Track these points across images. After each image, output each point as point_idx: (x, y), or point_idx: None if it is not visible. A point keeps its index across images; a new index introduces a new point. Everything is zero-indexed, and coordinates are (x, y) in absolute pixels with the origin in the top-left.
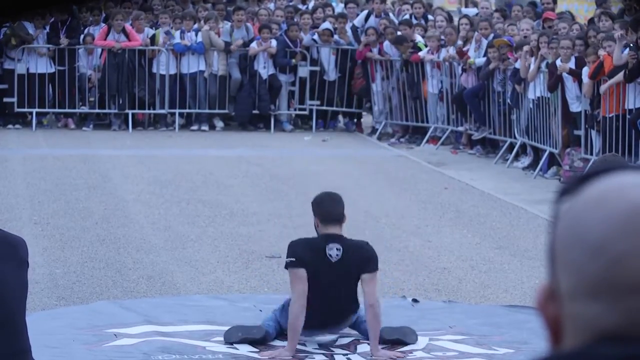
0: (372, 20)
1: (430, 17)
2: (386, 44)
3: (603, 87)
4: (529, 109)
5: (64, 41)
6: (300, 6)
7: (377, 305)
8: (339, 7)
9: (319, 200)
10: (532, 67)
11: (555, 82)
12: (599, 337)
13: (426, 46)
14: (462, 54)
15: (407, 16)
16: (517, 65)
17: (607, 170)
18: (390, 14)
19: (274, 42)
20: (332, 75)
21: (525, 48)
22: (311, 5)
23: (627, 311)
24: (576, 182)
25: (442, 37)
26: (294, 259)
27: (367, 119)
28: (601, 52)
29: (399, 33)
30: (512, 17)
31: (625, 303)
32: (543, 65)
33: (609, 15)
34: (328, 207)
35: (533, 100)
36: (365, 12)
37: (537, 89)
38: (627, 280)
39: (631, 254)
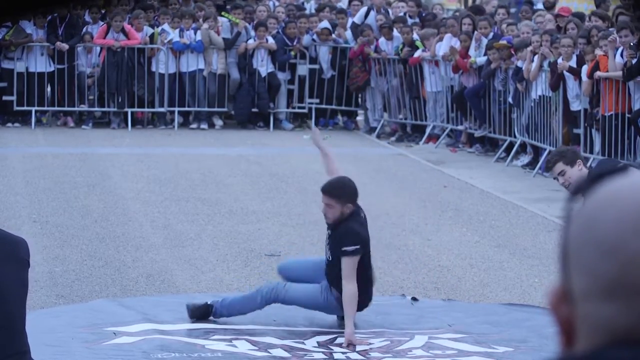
0: (372, 16)
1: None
2: (382, 40)
3: (598, 74)
4: (530, 108)
5: (63, 47)
6: (303, 4)
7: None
8: (343, 3)
9: (351, 184)
10: (534, 66)
11: (557, 80)
12: (612, 339)
13: (424, 45)
14: (463, 53)
15: (401, 14)
16: (519, 64)
17: (618, 171)
18: (390, 11)
19: (271, 40)
20: (328, 73)
21: (528, 49)
22: (312, 5)
23: None
24: (588, 182)
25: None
26: (359, 247)
27: (360, 118)
28: (598, 52)
29: (394, 30)
30: (516, 17)
31: (639, 304)
32: (545, 64)
33: (599, 15)
34: (355, 187)
35: (534, 99)
36: (365, 8)
37: (538, 88)
38: None
39: None
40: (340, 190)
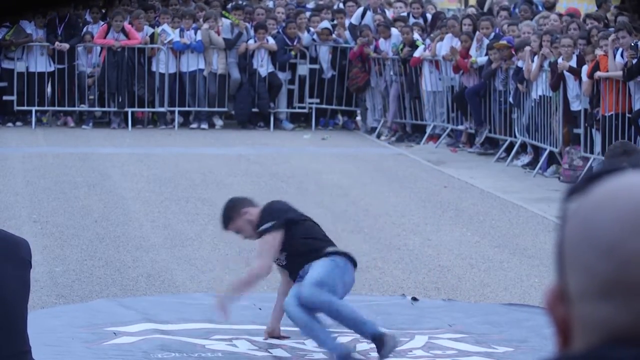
0: (369, 16)
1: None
2: (381, 40)
3: (599, 74)
4: (531, 108)
5: (63, 47)
6: (304, 6)
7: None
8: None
9: (227, 203)
10: (534, 66)
11: (557, 80)
12: (609, 339)
13: (424, 44)
14: (463, 53)
15: (404, 14)
16: (520, 64)
17: (616, 170)
18: (387, 11)
19: (271, 40)
20: (328, 73)
21: (527, 49)
22: (311, 4)
23: (638, 312)
24: (585, 181)
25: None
26: (275, 222)
27: (359, 118)
28: (598, 52)
29: (393, 29)
30: (516, 17)
31: (636, 304)
32: (545, 64)
33: (594, 17)
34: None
35: (535, 99)
36: (362, 8)
37: (539, 88)
38: (638, 280)
39: None
40: (226, 215)
